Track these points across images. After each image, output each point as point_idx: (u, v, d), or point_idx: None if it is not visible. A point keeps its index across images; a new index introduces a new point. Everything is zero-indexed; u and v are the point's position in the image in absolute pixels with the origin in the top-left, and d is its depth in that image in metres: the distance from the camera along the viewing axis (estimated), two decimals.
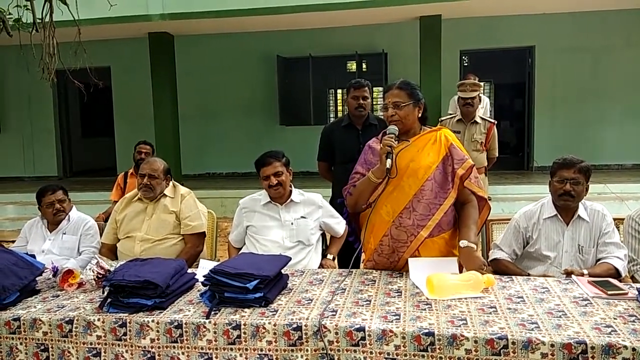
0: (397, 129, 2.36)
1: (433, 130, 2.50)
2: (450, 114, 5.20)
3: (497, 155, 4.93)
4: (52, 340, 1.94)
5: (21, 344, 1.96)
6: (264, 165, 2.89)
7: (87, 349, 1.91)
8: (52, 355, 1.94)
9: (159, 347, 1.87)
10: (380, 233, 2.44)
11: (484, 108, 7.16)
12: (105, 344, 1.90)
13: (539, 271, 2.59)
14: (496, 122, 4.98)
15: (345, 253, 3.07)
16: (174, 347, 1.86)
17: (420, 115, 2.46)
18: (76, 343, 1.92)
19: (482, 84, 4.88)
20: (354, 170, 2.57)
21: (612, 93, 8.81)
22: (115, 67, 9.80)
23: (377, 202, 2.42)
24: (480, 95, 7.19)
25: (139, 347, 1.88)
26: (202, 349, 1.84)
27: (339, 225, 3.05)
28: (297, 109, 9.50)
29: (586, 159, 2.63)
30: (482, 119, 4.78)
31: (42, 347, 1.95)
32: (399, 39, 8.89)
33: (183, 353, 1.85)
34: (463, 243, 2.30)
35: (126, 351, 1.89)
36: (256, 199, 3.00)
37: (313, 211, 2.96)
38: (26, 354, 1.96)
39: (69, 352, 1.93)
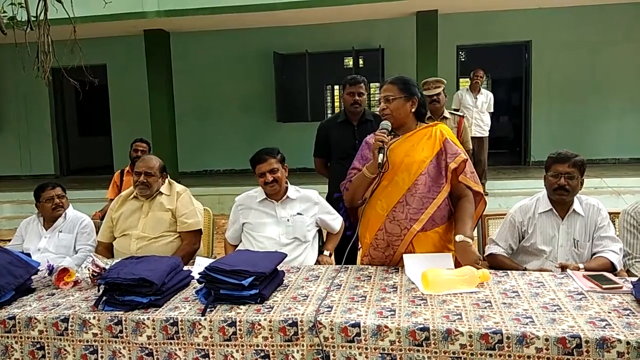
0: (389, 124, 2.38)
1: (429, 125, 2.50)
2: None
3: (471, 147, 4.98)
4: (47, 338, 1.94)
5: (16, 342, 1.96)
6: (259, 162, 2.89)
7: (83, 347, 1.91)
8: (48, 353, 1.94)
9: (155, 344, 1.87)
10: (375, 227, 2.45)
11: (487, 103, 7.21)
12: (102, 341, 1.91)
13: (535, 266, 2.59)
14: (464, 116, 5.04)
15: (342, 248, 3.07)
16: (170, 343, 1.86)
17: (413, 110, 2.45)
18: (72, 341, 1.92)
19: (444, 79, 4.90)
20: (352, 165, 2.57)
21: (609, 87, 8.83)
22: (111, 65, 9.79)
23: (371, 196, 2.43)
24: (482, 89, 7.24)
25: (136, 344, 1.88)
26: (198, 345, 1.85)
27: (335, 221, 3.05)
28: (294, 106, 9.49)
29: (583, 154, 2.64)
30: (451, 113, 4.85)
31: (38, 346, 1.94)
32: (395, 35, 8.89)
33: (180, 349, 1.85)
34: (459, 237, 2.29)
35: (123, 347, 1.89)
36: (252, 196, 3.00)
37: (309, 208, 2.96)
38: (22, 352, 1.95)
39: (65, 350, 1.93)
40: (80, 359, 1.91)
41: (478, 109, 7.11)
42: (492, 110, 7.44)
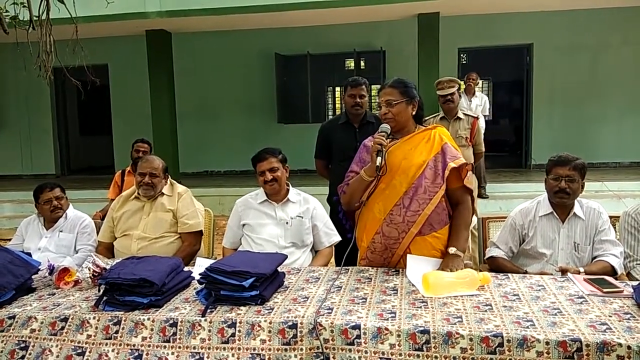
0: (389, 127, 2.38)
1: (427, 129, 2.50)
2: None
3: (483, 149, 4.96)
4: (36, 338, 1.90)
5: (1, 341, 1.91)
6: (260, 160, 2.90)
7: (72, 347, 1.86)
8: (31, 353, 1.88)
9: (149, 346, 1.84)
10: (373, 231, 2.44)
11: (482, 106, 7.22)
12: (93, 344, 1.86)
13: (535, 269, 2.59)
14: (478, 117, 5.01)
15: (342, 250, 3.05)
16: (164, 346, 1.83)
17: (414, 113, 2.46)
18: (63, 341, 1.88)
19: (459, 80, 4.90)
20: (350, 168, 2.58)
21: (610, 91, 8.83)
22: (113, 64, 9.79)
23: (369, 199, 2.43)
24: (477, 92, 7.27)
25: (127, 345, 1.85)
26: (194, 348, 1.82)
27: (326, 236, 2.95)
28: (295, 107, 9.49)
29: (584, 157, 2.64)
30: (464, 114, 4.82)
31: (22, 345, 1.90)
32: (397, 37, 8.89)
33: (172, 353, 1.81)
34: (452, 250, 2.35)
35: (112, 350, 1.84)
36: (253, 197, 3.00)
37: (308, 211, 2.95)
38: (1, 351, 1.90)
39: (50, 350, 1.87)
40: None
41: (472, 112, 7.12)
42: (487, 114, 7.44)
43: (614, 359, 1.58)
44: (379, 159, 2.27)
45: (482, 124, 7.21)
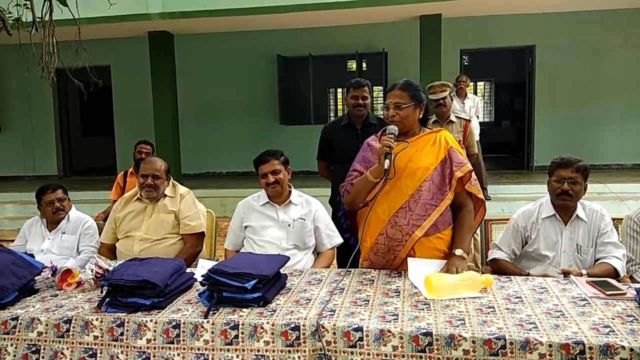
0: (396, 129, 2.36)
1: (433, 132, 2.49)
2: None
3: (476, 151, 4.98)
4: (45, 341, 1.91)
5: (11, 345, 1.93)
6: (262, 163, 2.90)
7: (82, 349, 1.89)
8: (43, 357, 1.90)
9: (154, 348, 1.85)
10: (376, 232, 2.43)
11: (475, 107, 7.22)
12: (102, 345, 1.88)
13: (538, 271, 2.59)
14: (471, 119, 5.04)
15: (344, 252, 3.06)
16: (169, 348, 1.84)
17: (421, 116, 2.46)
18: (72, 343, 1.90)
19: (450, 83, 4.92)
20: (352, 167, 2.56)
21: (612, 92, 8.81)
22: (115, 66, 9.81)
23: (374, 200, 2.42)
24: (468, 94, 7.29)
25: (134, 347, 1.86)
26: (198, 349, 1.83)
27: (328, 238, 2.95)
28: (297, 108, 9.50)
29: (586, 159, 2.63)
30: (457, 117, 4.85)
31: (34, 349, 1.91)
32: (399, 38, 8.89)
33: (179, 354, 1.83)
34: (459, 252, 2.34)
35: (122, 352, 1.86)
36: (255, 199, 3.00)
37: (311, 213, 2.94)
38: (14, 356, 1.92)
39: (62, 353, 1.89)
40: None
41: (466, 114, 7.12)
42: (479, 114, 7.45)
43: None
44: (387, 161, 2.25)
45: (475, 124, 7.23)
